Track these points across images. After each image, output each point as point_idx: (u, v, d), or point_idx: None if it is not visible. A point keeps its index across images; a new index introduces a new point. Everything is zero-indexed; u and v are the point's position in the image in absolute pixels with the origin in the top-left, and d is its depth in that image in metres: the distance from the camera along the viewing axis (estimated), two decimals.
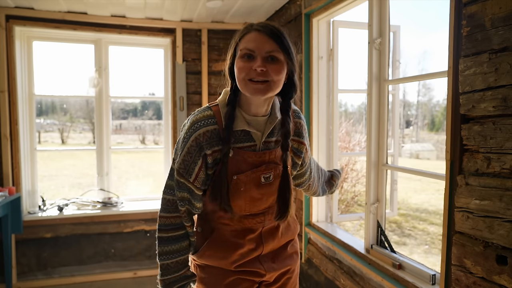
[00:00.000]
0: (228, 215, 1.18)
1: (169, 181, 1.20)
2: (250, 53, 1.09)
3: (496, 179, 1.22)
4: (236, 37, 1.17)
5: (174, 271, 1.18)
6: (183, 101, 3.30)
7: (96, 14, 3.09)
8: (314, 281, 2.61)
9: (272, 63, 1.08)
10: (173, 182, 1.18)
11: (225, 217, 1.20)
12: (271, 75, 1.08)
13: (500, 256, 1.21)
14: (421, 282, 1.68)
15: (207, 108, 1.18)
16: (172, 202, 1.19)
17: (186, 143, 1.13)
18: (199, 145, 1.12)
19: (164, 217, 1.19)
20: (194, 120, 1.14)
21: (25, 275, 3.09)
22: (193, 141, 1.12)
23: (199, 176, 1.14)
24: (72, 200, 3.30)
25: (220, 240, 1.22)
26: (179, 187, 1.16)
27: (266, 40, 1.09)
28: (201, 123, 1.13)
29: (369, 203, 2.08)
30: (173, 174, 1.18)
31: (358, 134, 7.98)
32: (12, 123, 2.98)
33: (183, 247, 1.19)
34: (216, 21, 3.31)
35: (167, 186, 1.20)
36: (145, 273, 3.34)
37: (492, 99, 1.22)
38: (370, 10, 2.00)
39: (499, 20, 1.19)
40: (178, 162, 1.15)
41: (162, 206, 1.20)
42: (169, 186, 1.19)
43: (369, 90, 2.03)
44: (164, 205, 1.20)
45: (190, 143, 1.12)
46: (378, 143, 2.04)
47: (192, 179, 1.14)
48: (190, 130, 1.13)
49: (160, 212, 1.21)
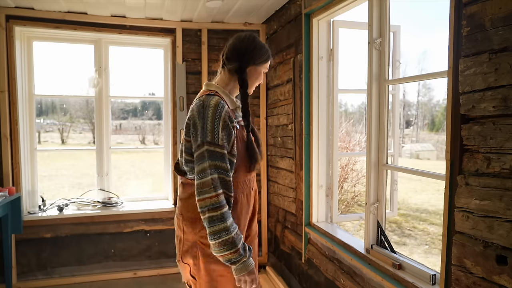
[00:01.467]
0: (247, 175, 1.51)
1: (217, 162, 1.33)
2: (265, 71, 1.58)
3: (496, 179, 1.22)
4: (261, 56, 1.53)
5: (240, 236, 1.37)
6: (183, 101, 3.30)
7: (96, 14, 3.09)
8: (314, 281, 2.61)
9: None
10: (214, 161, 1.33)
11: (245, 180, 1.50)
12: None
13: (500, 256, 1.21)
14: (421, 282, 1.68)
15: (212, 95, 1.43)
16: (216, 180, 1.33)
17: (220, 120, 1.34)
18: (230, 119, 1.38)
19: (215, 195, 1.32)
20: (215, 102, 1.37)
21: (25, 275, 3.10)
22: (224, 117, 1.36)
23: (234, 145, 1.39)
24: (72, 200, 3.30)
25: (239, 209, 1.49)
26: (222, 158, 1.34)
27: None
28: (222, 104, 1.38)
29: (369, 203, 2.08)
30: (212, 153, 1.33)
31: (358, 134, 7.98)
32: (12, 123, 2.98)
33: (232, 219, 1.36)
34: (216, 21, 3.31)
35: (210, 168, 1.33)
36: (145, 273, 3.34)
37: (492, 99, 1.22)
38: (370, 10, 2.00)
39: (499, 20, 1.19)
40: (217, 138, 1.33)
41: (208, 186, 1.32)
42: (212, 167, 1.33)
43: (369, 90, 2.03)
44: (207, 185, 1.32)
45: (223, 118, 1.35)
46: (378, 143, 2.04)
47: (230, 148, 1.38)
48: (218, 109, 1.35)
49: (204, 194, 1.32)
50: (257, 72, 1.53)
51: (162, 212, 3.35)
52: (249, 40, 1.53)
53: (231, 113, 1.42)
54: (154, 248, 3.37)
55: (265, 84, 3.45)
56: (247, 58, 1.50)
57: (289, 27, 2.89)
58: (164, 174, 3.55)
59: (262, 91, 3.46)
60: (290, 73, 2.89)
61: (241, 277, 1.38)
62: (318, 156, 2.64)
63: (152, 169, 12.61)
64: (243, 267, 1.36)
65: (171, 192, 3.44)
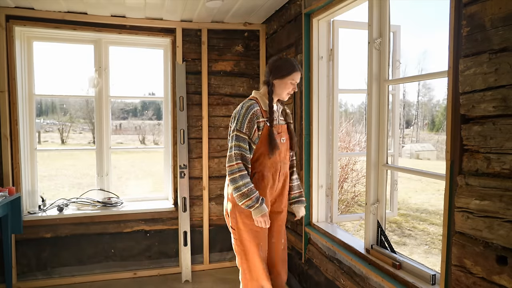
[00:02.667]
0: (273, 158, 2.07)
1: (237, 142, 1.99)
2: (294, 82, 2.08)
3: (496, 179, 1.22)
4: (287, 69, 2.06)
5: (255, 191, 1.97)
6: (183, 101, 3.30)
7: (96, 14, 3.09)
8: (314, 281, 2.61)
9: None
10: (238, 142, 1.98)
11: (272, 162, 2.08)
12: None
13: (500, 256, 1.21)
14: (421, 282, 1.68)
15: (250, 99, 2.08)
16: (238, 154, 1.98)
17: (247, 116, 1.99)
18: (256, 117, 2.01)
19: (236, 164, 1.97)
20: (248, 105, 2.02)
21: (25, 275, 3.10)
22: (251, 115, 2.00)
23: (255, 134, 2.02)
24: (72, 200, 3.30)
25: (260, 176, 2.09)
26: (244, 141, 1.99)
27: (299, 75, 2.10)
28: (252, 106, 2.02)
29: (369, 203, 2.08)
30: (238, 137, 1.99)
31: (358, 134, 7.98)
32: (12, 123, 2.98)
33: (249, 179, 1.99)
34: (216, 21, 3.31)
35: (237, 147, 1.98)
36: (145, 273, 3.34)
37: (492, 99, 1.22)
38: (370, 10, 2.00)
39: (499, 20, 1.19)
40: (243, 128, 1.99)
41: (232, 158, 1.98)
42: (236, 146, 1.99)
43: (369, 90, 2.03)
44: (232, 158, 1.99)
45: (250, 116, 1.99)
46: (378, 143, 2.04)
47: (251, 136, 2.01)
48: (248, 110, 2.00)
49: (230, 163, 1.99)
50: (283, 83, 2.05)
51: (162, 212, 3.35)
52: (274, 60, 2.12)
53: (262, 112, 2.05)
54: (154, 248, 3.37)
55: None
56: (271, 74, 2.08)
57: (289, 27, 2.89)
58: (164, 174, 3.55)
59: None
60: None
61: (257, 218, 1.99)
62: (318, 156, 2.64)
63: (152, 169, 12.61)
64: (257, 211, 1.98)
65: (171, 192, 3.44)
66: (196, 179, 3.42)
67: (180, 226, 3.31)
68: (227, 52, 3.42)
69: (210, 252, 3.48)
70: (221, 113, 3.46)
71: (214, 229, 3.49)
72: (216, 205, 3.49)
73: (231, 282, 3.18)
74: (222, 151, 3.48)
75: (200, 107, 3.39)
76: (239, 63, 3.45)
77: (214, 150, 3.45)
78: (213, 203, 3.48)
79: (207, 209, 3.44)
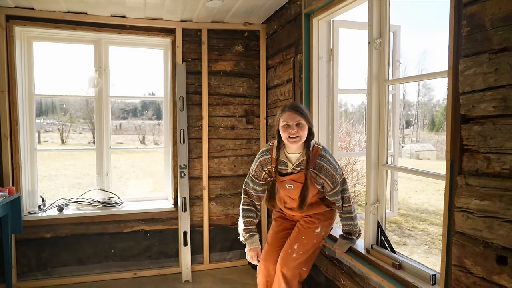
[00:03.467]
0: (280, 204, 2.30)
1: (247, 180, 2.27)
2: (287, 124, 1.99)
3: (496, 179, 1.22)
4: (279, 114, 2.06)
5: (249, 225, 2.23)
6: (183, 101, 3.30)
7: (96, 14, 3.08)
8: (314, 281, 2.61)
9: (299, 127, 1.98)
10: (248, 179, 2.27)
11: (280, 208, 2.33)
12: (299, 133, 1.98)
13: (500, 256, 1.21)
14: (421, 282, 1.68)
15: (268, 145, 2.20)
16: (244, 190, 2.29)
17: (256, 162, 2.18)
18: (264, 164, 2.16)
19: (242, 197, 2.29)
20: (262, 151, 2.19)
21: (25, 275, 3.09)
22: (259, 163, 2.18)
23: (263, 178, 2.19)
24: (72, 200, 3.30)
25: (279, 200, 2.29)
26: (252, 180, 2.24)
27: (295, 115, 1.99)
28: (264, 154, 2.17)
29: (369, 203, 2.09)
30: (249, 175, 2.26)
31: (358, 134, 7.99)
32: (12, 123, 2.98)
33: (252, 214, 2.25)
34: (216, 21, 3.31)
35: (246, 183, 2.29)
36: (145, 273, 3.34)
37: (492, 99, 1.22)
38: (370, 10, 2.00)
39: (499, 20, 1.19)
40: (253, 170, 2.21)
41: (243, 193, 2.29)
42: (245, 183, 2.29)
43: (369, 90, 2.03)
44: (244, 192, 2.29)
45: (258, 163, 2.17)
46: (378, 143, 2.04)
47: (261, 178, 2.20)
48: (259, 157, 2.18)
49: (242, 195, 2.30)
50: (281, 129, 2.03)
51: (162, 212, 3.35)
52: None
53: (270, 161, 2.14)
54: (154, 248, 3.37)
55: (265, 84, 3.45)
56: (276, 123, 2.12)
57: (289, 27, 2.89)
58: (164, 174, 3.55)
59: (262, 91, 3.47)
60: (290, 73, 2.89)
61: (246, 251, 2.22)
62: None
63: (152, 169, 12.61)
64: (247, 245, 2.22)
65: (171, 192, 3.44)
66: (196, 179, 3.42)
67: (180, 226, 3.31)
68: (227, 52, 3.42)
69: (210, 252, 3.48)
70: (221, 113, 3.46)
71: (214, 229, 3.49)
72: (216, 205, 3.49)
73: (231, 282, 3.18)
74: (222, 151, 3.48)
75: (200, 107, 3.39)
76: (239, 63, 3.45)
77: (214, 150, 3.45)
78: (213, 203, 3.48)
79: (207, 209, 3.44)
